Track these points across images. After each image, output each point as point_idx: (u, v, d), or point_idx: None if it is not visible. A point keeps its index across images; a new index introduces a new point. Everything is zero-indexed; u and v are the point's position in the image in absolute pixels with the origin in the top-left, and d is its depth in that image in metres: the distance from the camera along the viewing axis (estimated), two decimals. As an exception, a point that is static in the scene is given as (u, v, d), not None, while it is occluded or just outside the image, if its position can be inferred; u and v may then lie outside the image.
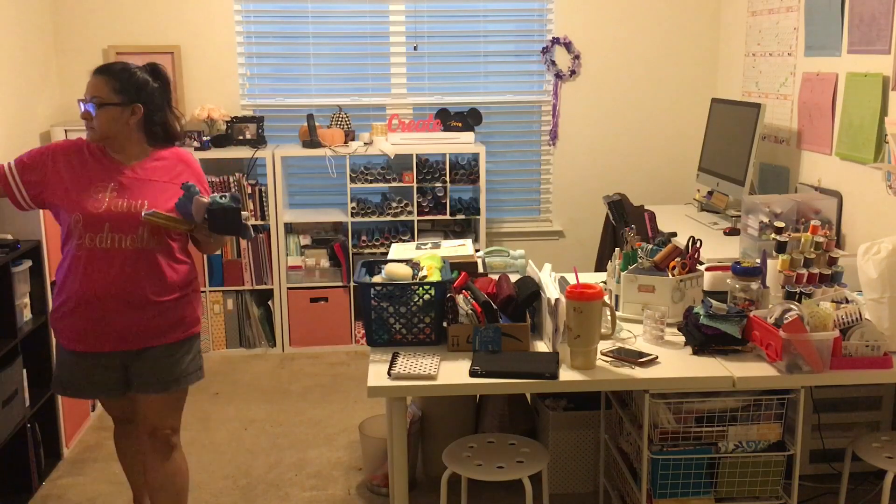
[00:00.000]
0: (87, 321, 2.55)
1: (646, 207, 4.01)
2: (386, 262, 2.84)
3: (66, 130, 4.55)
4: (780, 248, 2.94)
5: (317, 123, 4.81)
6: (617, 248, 3.02)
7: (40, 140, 4.59)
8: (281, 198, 4.77)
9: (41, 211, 3.49)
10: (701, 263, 2.96)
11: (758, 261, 2.78)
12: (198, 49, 4.95)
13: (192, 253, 2.71)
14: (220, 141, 4.83)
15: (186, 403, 2.73)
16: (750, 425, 2.51)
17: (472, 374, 2.43)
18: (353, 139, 4.95)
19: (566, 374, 2.44)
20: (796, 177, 4.16)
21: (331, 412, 4.11)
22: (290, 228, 4.91)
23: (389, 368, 2.47)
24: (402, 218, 4.89)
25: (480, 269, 3.23)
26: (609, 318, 2.60)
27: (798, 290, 2.77)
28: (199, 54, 4.95)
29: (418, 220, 4.89)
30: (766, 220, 3.40)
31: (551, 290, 2.62)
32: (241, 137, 4.89)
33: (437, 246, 3.39)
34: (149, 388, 2.62)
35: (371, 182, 4.85)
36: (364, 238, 4.93)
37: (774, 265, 2.87)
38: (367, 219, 4.88)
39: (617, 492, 3.02)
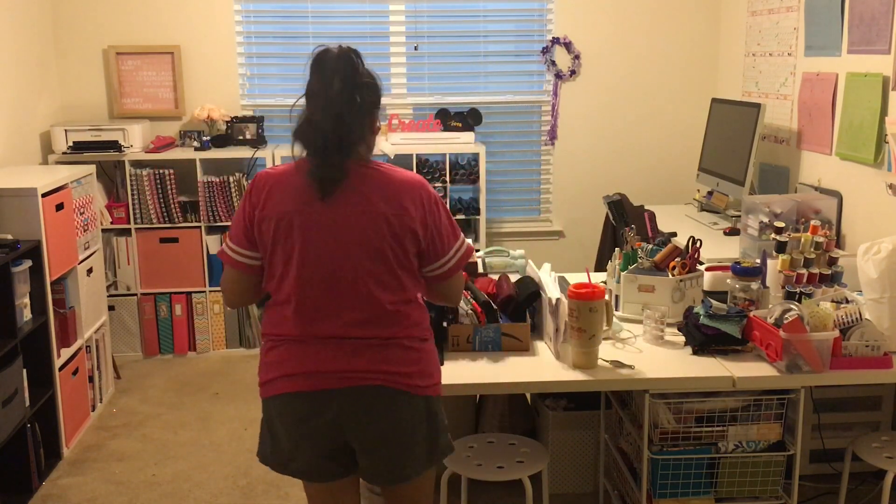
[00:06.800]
0: None
1: (646, 207, 4.00)
2: (386, 262, 2.83)
3: (66, 130, 4.55)
4: (780, 248, 2.94)
5: (317, 123, 4.80)
6: (617, 248, 3.01)
7: (40, 140, 4.59)
8: (281, 198, 4.76)
9: (41, 211, 3.49)
10: (701, 263, 2.96)
11: (758, 261, 2.78)
12: (198, 49, 4.95)
13: None
14: (220, 141, 4.83)
15: (186, 404, 2.72)
16: (750, 425, 2.51)
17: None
18: (353, 139, 4.94)
19: (566, 374, 2.44)
20: (796, 177, 4.16)
21: (331, 412, 4.10)
22: (290, 228, 4.90)
23: None
24: (402, 218, 4.88)
25: (480, 269, 3.23)
26: (605, 316, 2.59)
27: (798, 290, 2.76)
28: (199, 54, 4.95)
29: (418, 220, 4.88)
30: (766, 220, 3.40)
31: (551, 290, 2.61)
32: (241, 137, 4.89)
33: (437, 246, 3.38)
34: None
35: (371, 182, 4.84)
36: (364, 238, 4.92)
37: (774, 265, 2.87)
38: (367, 219, 4.86)
39: (617, 492, 3.02)
